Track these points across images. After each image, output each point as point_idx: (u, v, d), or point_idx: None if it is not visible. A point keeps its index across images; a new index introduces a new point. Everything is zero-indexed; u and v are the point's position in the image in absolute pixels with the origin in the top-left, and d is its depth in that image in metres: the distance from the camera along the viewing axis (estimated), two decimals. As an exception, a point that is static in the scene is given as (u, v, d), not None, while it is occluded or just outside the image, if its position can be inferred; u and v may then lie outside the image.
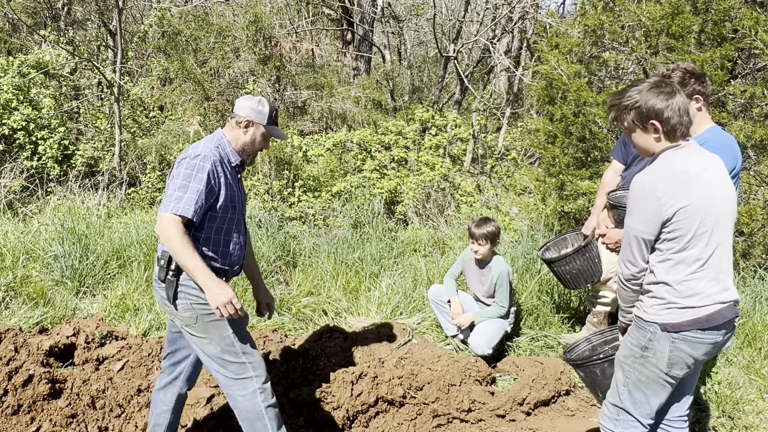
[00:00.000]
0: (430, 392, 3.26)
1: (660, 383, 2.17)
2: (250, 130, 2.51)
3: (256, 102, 2.51)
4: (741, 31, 4.72)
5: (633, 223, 2.08)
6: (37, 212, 5.96)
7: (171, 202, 2.26)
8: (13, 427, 2.77)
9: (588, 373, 2.52)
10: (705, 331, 2.07)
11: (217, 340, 2.40)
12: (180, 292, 2.37)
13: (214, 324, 2.40)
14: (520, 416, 3.21)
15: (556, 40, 6.05)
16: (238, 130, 2.52)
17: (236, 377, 2.43)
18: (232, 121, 2.52)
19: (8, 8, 8.28)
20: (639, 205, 2.04)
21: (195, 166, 2.30)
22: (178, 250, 2.23)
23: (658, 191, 1.99)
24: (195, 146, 2.40)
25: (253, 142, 2.54)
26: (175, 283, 2.37)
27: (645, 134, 2.10)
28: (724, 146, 2.58)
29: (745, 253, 4.98)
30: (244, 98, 2.53)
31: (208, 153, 2.36)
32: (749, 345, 3.98)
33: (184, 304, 2.38)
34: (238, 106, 2.51)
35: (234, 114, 2.52)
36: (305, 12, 11.61)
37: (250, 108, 2.49)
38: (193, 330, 2.42)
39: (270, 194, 6.57)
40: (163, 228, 2.23)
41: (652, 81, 2.11)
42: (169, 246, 2.25)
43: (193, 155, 2.33)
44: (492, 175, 8.10)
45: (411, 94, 12.16)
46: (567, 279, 3.45)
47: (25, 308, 3.91)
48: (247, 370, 2.43)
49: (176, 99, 8.32)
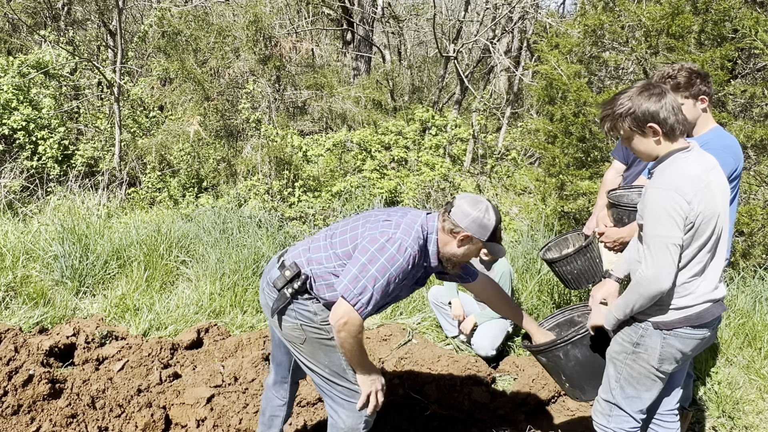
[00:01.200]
0: (430, 392, 3.27)
1: (651, 378, 2.20)
2: (465, 245, 2.16)
3: (482, 213, 2.11)
4: (741, 31, 4.72)
5: (664, 231, 1.95)
6: (37, 212, 5.96)
7: (355, 289, 2.02)
8: (13, 427, 2.77)
9: (551, 358, 2.45)
10: (696, 328, 2.10)
11: (326, 363, 2.24)
12: (290, 309, 2.21)
13: (324, 350, 2.22)
14: (520, 416, 3.21)
15: (556, 40, 6.05)
16: (451, 239, 2.15)
17: (344, 400, 2.27)
18: (446, 225, 2.14)
19: (8, 8, 8.28)
20: (668, 211, 1.94)
21: (396, 263, 2.04)
22: (349, 354, 2.11)
23: (687, 195, 1.94)
24: (407, 231, 2.09)
25: (465, 256, 2.20)
26: (289, 300, 2.20)
27: (644, 138, 2.07)
28: (726, 147, 2.57)
29: (745, 253, 4.98)
30: (468, 203, 2.12)
31: (415, 252, 2.08)
32: (749, 345, 3.98)
33: (292, 323, 2.22)
34: (459, 211, 2.11)
35: (451, 218, 2.13)
36: (305, 12, 11.61)
37: (473, 220, 2.10)
38: (297, 349, 2.28)
39: (270, 194, 6.57)
40: (342, 326, 2.04)
41: (639, 85, 2.09)
42: (341, 344, 2.10)
43: (402, 248, 2.05)
44: (492, 175, 8.10)
45: (411, 94, 12.16)
46: (568, 279, 3.45)
47: (25, 308, 3.91)
48: (355, 395, 2.26)
49: (176, 99, 8.31)
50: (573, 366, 2.40)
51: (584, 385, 2.45)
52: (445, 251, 2.19)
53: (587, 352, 2.38)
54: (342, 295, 2.04)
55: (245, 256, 4.70)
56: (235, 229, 5.29)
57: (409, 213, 2.22)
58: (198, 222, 5.66)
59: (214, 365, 3.47)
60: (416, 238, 2.11)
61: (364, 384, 2.21)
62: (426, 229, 2.17)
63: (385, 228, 2.12)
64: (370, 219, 2.21)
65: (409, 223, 2.14)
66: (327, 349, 2.22)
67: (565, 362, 2.41)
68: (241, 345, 3.66)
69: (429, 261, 2.20)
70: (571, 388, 2.49)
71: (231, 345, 3.66)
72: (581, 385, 2.46)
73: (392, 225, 2.13)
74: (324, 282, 2.19)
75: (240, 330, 3.98)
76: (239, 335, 3.81)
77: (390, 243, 2.06)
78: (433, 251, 2.19)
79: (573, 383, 2.46)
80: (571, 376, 2.44)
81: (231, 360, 3.52)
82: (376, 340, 3.85)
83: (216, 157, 7.41)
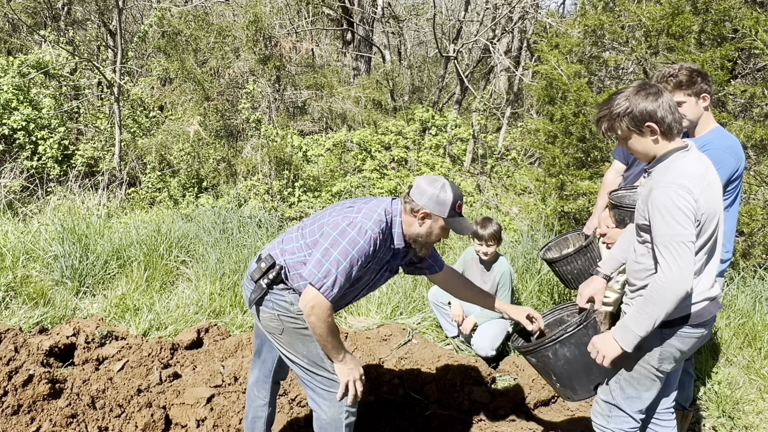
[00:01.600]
0: (430, 392, 3.27)
1: (651, 378, 2.21)
2: (426, 223, 2.22)
3: (439, 190, 2.18)
4: (741, 31, 4.72)
5: (682, 229, 1.91)
6: (37, 212, 5.96)
7: (320, 273, 2.08)
8: (13, 427, 2.77)
9: (540, 358, 2.43)
10: (694, 327, 2.12)
11: (304, 353, 2.28)
12: (267, 300, 2.27)
13: (301, 339, 2.27)
14: (520, 416, 3.21)
15: (556, 40, 6.06)
16: (412, 219, 2.23)
17: (323, 389, 2.29)
18: (408, 205, 2.22)
19: (8, 8, 8.28)
20: (681, 208, 1.92)
21: (357, 245, 2.09)
22: (320, 338, 2.14)
23: (694, 193, 1.94)
24: (368, 215, 2.16)
25: (429, 235, 2.25)
26: (265, 290, 2.25)
27: (642, 138, 2.07)
28: (728, 148, 2.57)
29: (745, 253, 4.98)
30: (425, 181, 2.21)
31: (376, 234, 2.13)
32: (749, 345, 3.98)
33: (270, 313, 2.27)
34: (417, 190, 2.20)
35: (409, 199, 2.21)
36: (305, 12, 11.61)
37: (430, 197, 2.17)
38: (277, 340, 2.32)
39: (270, 194, 6.57)
40: (310, 310, 2.09)
41: (635, 85, 2.08)
42: (312, 329, 2.14)
43: (362, 231, 2.11)
44: (492, 175, 8.10)
45: (411, 94, 12.16)
46: (569, 279, 3.45)
47: (25, 308, 3.91)
48: (335, 384, 2.28)
49: (176, 99, 8.32)
50: (562, 365, 2.39)
51: (575, 384, 2.44)
52: (409, 232, 2.26)
53: (576, 351, 2.35)
54: (308, 281, 2.11)
55: (245, 256, 4.71)
56: (235, 229, 5.29)
57: (373, 199, 2.30)
58: (198, 222, 5.66)
59: (214, 365, 3.47)
60: (378, 222, 2.17)
61: (341, 373, 2.23)
62: (390, 212, 2.23)
63: (347, 213, 2.19)
64: (336, 208, 2.29)
65: (372, 208, 2.21)
66: (304, 339, 2.26)
67: (554, 361, 2.40)
68: (241, 345, 3.66)
69: (394, 243, 2.26)
70: (562, 388, 2.48)
71: (231, 345, 3.66)
72: (572, 384, 2.44)
73: (354, 210, 2.20)
74: (296, 272, 2.26)
75: (240, 330, 3.98)
76: (239, 335, 3.81)
77: (351, 227, 2.12)
78: (398, 233, 2.26)
79: (563, 383, 2.44)
80: (561, 376, 2.42)
81: (231, 360, 3.52)
82: (376, 340, 3.85)
83: (216, 157, 7.41)
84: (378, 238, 2.16)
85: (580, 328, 2.33)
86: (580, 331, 2.34)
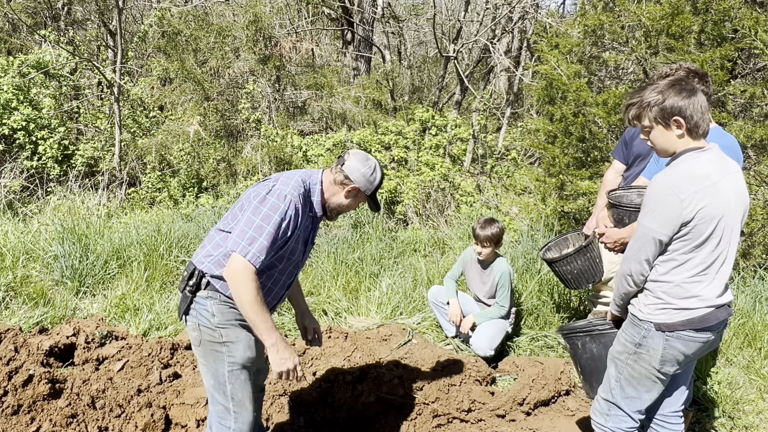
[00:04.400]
0: (430, 392, 3.26)
1: (652, 380, 2.21)
2: (351, 195, 2.33)
3: (370, 170, 2.31)
4: (741, 31, 4.72)
5: (651, 224, 2.03)
6: (37, 212, 5.96)
7: (243, 241, 2.08)
8: (13, 427, 2.77)
9: (571, 345, 2.57)
10: (698, 331, 2.10)
11: (212, 372, 2.26)
12: (192, 309, 2.25)
13: (213, 355, 2.24)
14: (520, 416, 3.21)
15: (556, 40, 6.06)
16: (339, 190, 2.32)
17: (217, 418, 2.29)
18: (338, 177, 2.30)
19: (8, 8, 8.28)
20: (660, 205, 2.00)
21: (279, 209, 2.12)
22: (248, 305, 2.07)
23: (682, 193, 1.96)
24: (285, 182, 2.21)
25: (349, 206, 2.37)
26: (190, 299, 2.24)
27: (667, 131, 2.08)
28: (726, 148, 2.57)
29: (745, 253, 4.99)
30: (357, 159, 2.31)
31: (296, 198, 2.17)
32: (749, 345, 3.98)
33: (192, 322, 2.25)
34: (350, 167, 2.29)
35: (342, 170, 2.29)
36: (305, 12, 11.61)
37: (362, 175, 2.29)
38: (196, 351, 2.30)
39: (270, 194, 6.55)
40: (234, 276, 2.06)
41: (671, 80, 2.11)
42: (237, 297, 2.08)
43: (281, 196, 2.14)
44: (492, 175, 8.10)
45: (411, 94, 12.15)
46: (568, 279, 3.45)
47: (25, 308, 3.91)
48: (229, 419, 2.27)
49: (176, 99, 8.32)
50: (587, 359, 2.45)
51: (593, 382, 2.48)
52: (331, 201, 2.35)
53: (603, 351, 2.42)
54: (232, 250, 2.10)
55: (245, 256, 4.70)
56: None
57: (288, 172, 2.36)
58: (198, 222, 5.66)
59: (214, 365, 3.47)
60: (296, 187, 2.21)
61: (274, 363, 2.16)
62: (308, 180, 2.30)
63: (265, 183, 2.24)
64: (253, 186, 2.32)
65: (288, 176, 2.27)
66: (216, 356, 2.24)
67: (581, 353, 2.49)
68: (241, 345, 3.66)
69: (315, 211, 2.33)
70: (584, 382, 2.57)
71: (231, 345, 3.66)
72: (591, 381, 2.49)
73: (271, 180, 2.26)
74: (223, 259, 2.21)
75: (240, 330, 3.98)
76: (239, 335, 3.80)
77: (270, 194, 2.16)
78: (318, 201, 2.33)
79: (585, 377, 2.53)
80: (584, 369, 2.51)
81: (231, 360, 3.52)
82: (376, 340, 3.85)
83: (216, 157, 7.41)
84: (298, 202, 2.19)
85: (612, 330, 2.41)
86: (610, 335, 2.40)
